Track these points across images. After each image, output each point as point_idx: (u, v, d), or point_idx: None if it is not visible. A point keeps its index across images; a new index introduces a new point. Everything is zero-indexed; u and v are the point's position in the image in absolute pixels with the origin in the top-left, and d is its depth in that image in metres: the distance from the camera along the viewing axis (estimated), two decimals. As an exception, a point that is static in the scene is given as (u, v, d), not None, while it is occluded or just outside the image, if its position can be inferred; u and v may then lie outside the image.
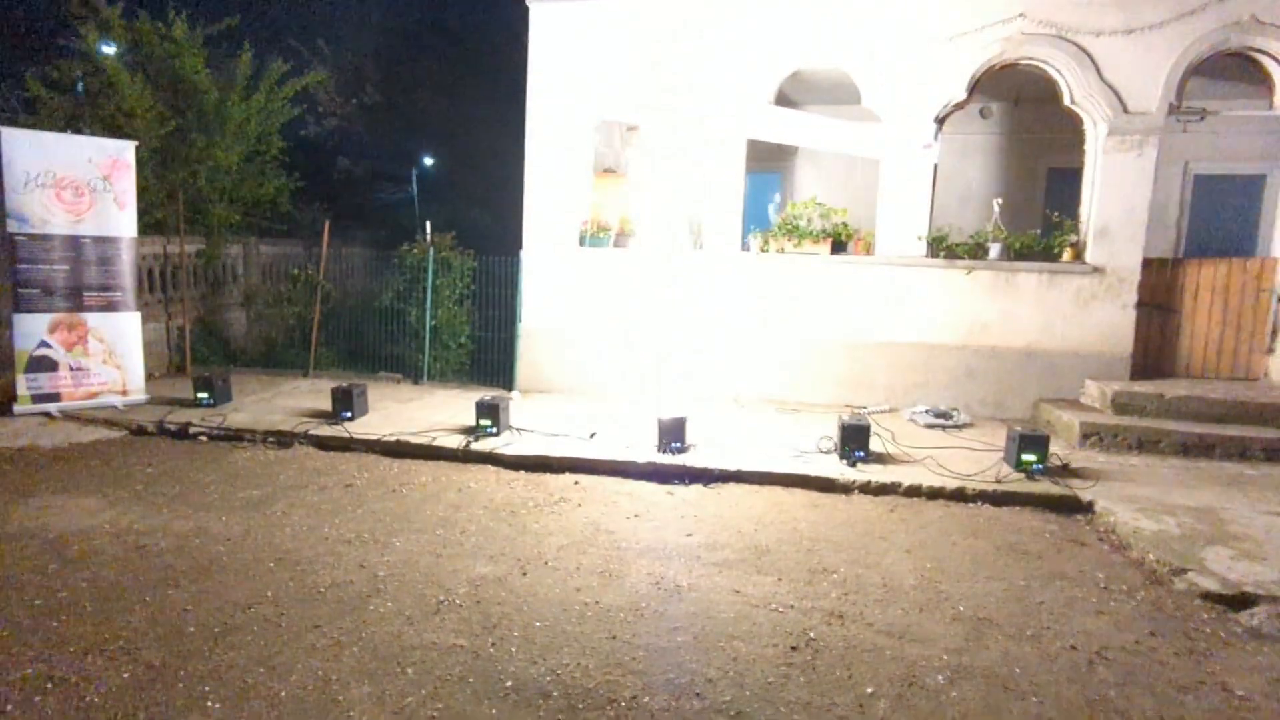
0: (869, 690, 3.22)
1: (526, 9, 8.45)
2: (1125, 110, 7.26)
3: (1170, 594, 4.18)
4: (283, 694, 3.07)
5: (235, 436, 6.71)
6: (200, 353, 9.58)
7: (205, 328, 9.98)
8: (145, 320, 8.11)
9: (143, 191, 8.07)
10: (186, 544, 4.51)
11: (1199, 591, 4.13)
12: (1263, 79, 7.42)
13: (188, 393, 7.59)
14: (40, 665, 3.22)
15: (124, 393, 7.49)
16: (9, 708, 2.93)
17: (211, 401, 7.35)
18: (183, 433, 6.77)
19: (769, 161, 10.39)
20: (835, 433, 6.27)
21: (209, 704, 2.99)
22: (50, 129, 8.32)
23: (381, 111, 14.79)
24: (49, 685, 3.08)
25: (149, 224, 8.91)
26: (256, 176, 10.38)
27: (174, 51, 9.26)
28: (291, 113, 10.57)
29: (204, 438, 6.73)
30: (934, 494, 5.61)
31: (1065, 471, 5.93)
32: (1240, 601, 4.00)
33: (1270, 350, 7.52)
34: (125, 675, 3.17)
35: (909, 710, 3.10)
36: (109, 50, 9.25)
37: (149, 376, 7.99)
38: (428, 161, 17.44)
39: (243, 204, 10.40)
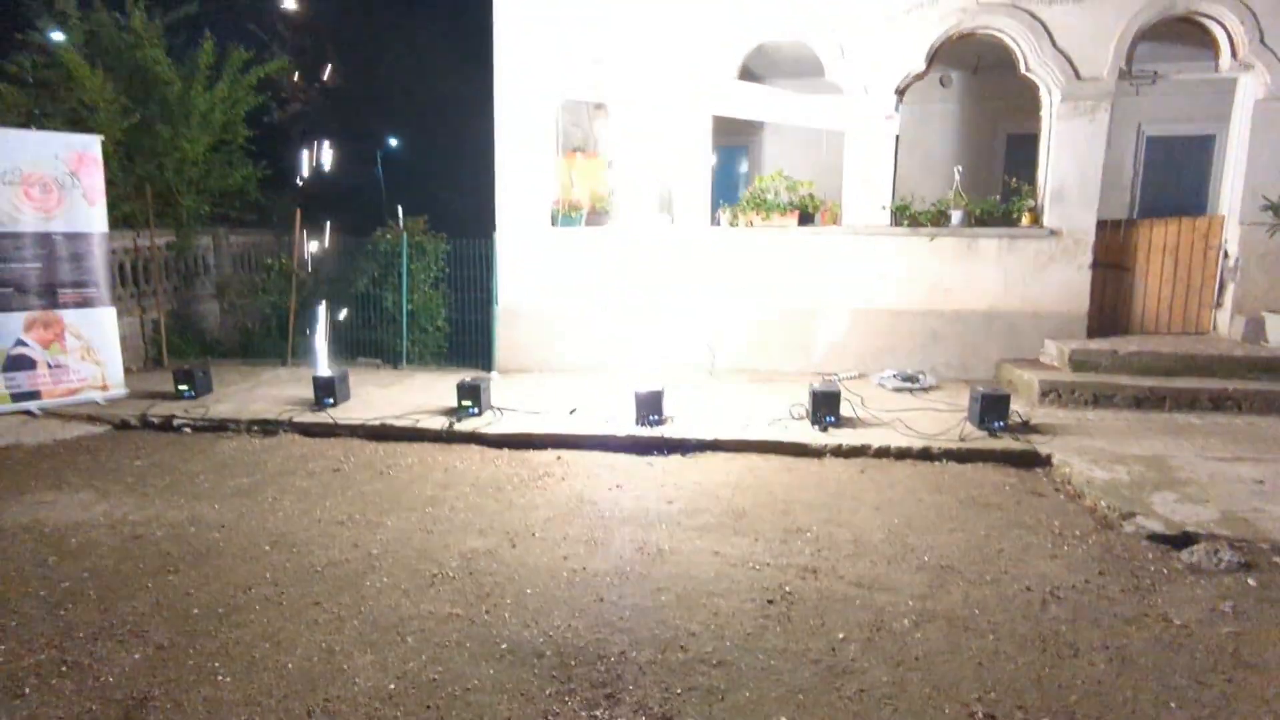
0: (840, 636, 3.47)
1: (490, -10, 8.47)
2: (1078, 77, 7.49)
3: (1119, 537, 4.48)
4: (289, 665, 3.25)
5: (220, 427, 6.79)
6: (176, 345, 9.58)
7: (179, 320, 9.96)
8: (119, 315, 8.12)
9: (110, 185, 8.01)
10: (182, 532, 4.64)
11: (1145, 533, 4.43)
12: (1209, 42, 7.67)
13: (168, 386, 7.64)
14: (52, 651, 3.36)
15: (104, 388, 7.52)
16: (27, 690, 3.07)
17: (193, 394, 7.41)
18: (167, 425, 6.84)
19: (736, 136, 10.52)
20: (807, 400, 6.51)
21: (219, 678, 3.16)
22: (10, 124, 8.21)
23: (345, 94, 14.64)
24: (63, 668, 3.22)
25: (118, 218, 8.85)
26: (224, 166, 10.31)
27: (133, 42, 9.14)
28: (256, 100, 10.47)
29: (188, 429, 6.80)
30: (901, 454, 5.88)
31: (1025, 428, 6.23)
32: (1182, 541, 4.30)
33: (1218, 304, 7.87)
34: (136, 656, 3.32)
35: (877, 651, 3.35)
36: (59, 37, 9.09)
37: (126, 371, 8.01)
38: (394, 143, 17.31)
39: (211, 194, 10.33)
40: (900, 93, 7.87)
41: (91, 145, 7.50)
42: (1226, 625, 3.52)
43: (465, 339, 9.58)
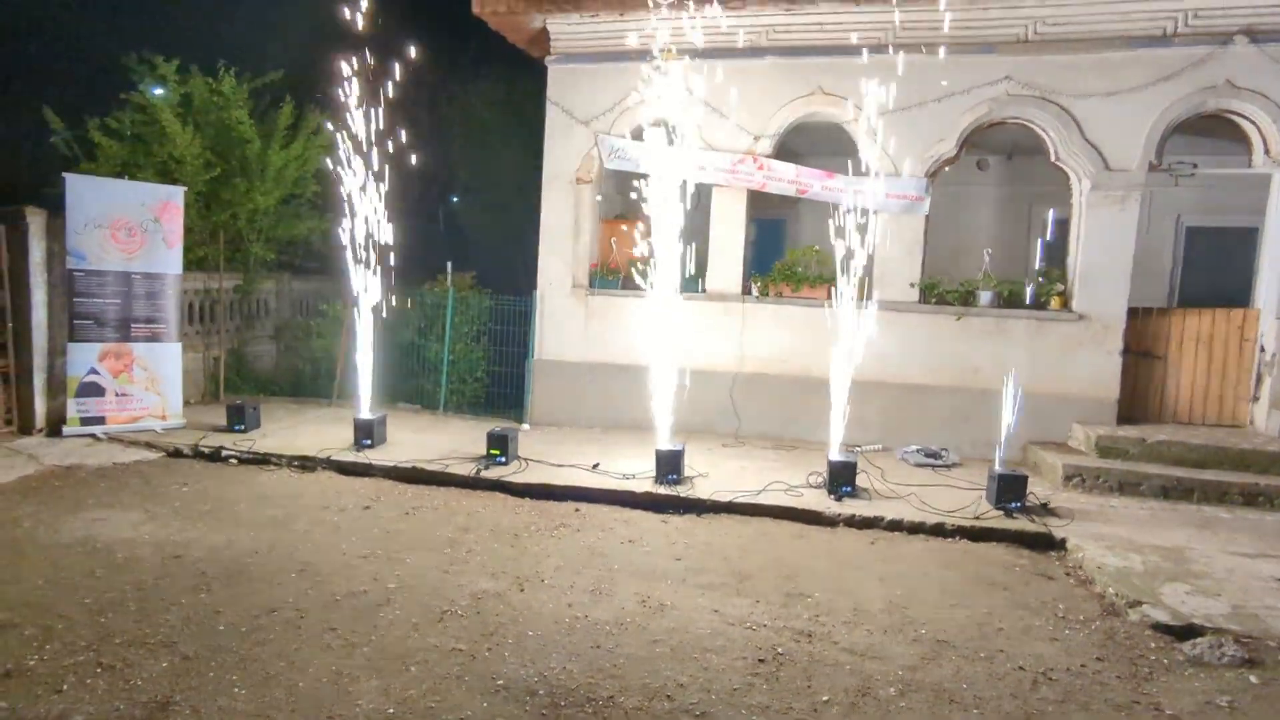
0: (825, 698, 3.55)
1: (545, 68, 9.11)
2: (1107, 167, 7.66)
3: (1124, 624, 4.46)
4: (300, 684, 3.48)
5: (263, 460, 7.20)
6: (233, 382, 10.16)
7: (238, 358, 10.58)
8: (184, 350, 8.71)
9: (187, 231, 8.73)
10: (219, 555, 4.96)
11: (1150, 623, 4.40)
12: (1243, 137, 7.79)
13: (221, 419, 8.13)
14: (90, 654, 3.66)
15: (163, 418, 8.04)
16: (65, 687, 3.36)
17: (243, 427, 7.87)
18: (215, 456, 7.28)
19: (775, 209, 10.88)
20: (824, 469, 6.61)
21: (236, 690, 3.41)
22: (107, 173, 9.05)
23: (409, 155, 15.57)
24: (98, 670, 3.51)
25: (191, 261, 9.57)
26: (292, 218, 11.07)
27: (221, 104, 10.03)
28: (328, 158, 11.27)
29: (234, 461, 7.22)
30: (915, 529, 5.92)
31: (1044, 510, 6.21)
32: (1187, 632, 4.27)
33: (1255, 398, 7.76)
34: (164, 664, 3.60)
35: (859, 715, 3.42)
36: (158, 91, 10.02)
37: (185, 403, 8.55)
38: (453, 204, 18.22)
39: (278, 242, 11.09)
40: (931, 175, 8.13)
41: (176, 195, 8.22)
42: (1220, 718, 3.50)
43: (502, 390, 9.95)
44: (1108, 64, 7.59)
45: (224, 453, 7.28)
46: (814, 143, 9.80)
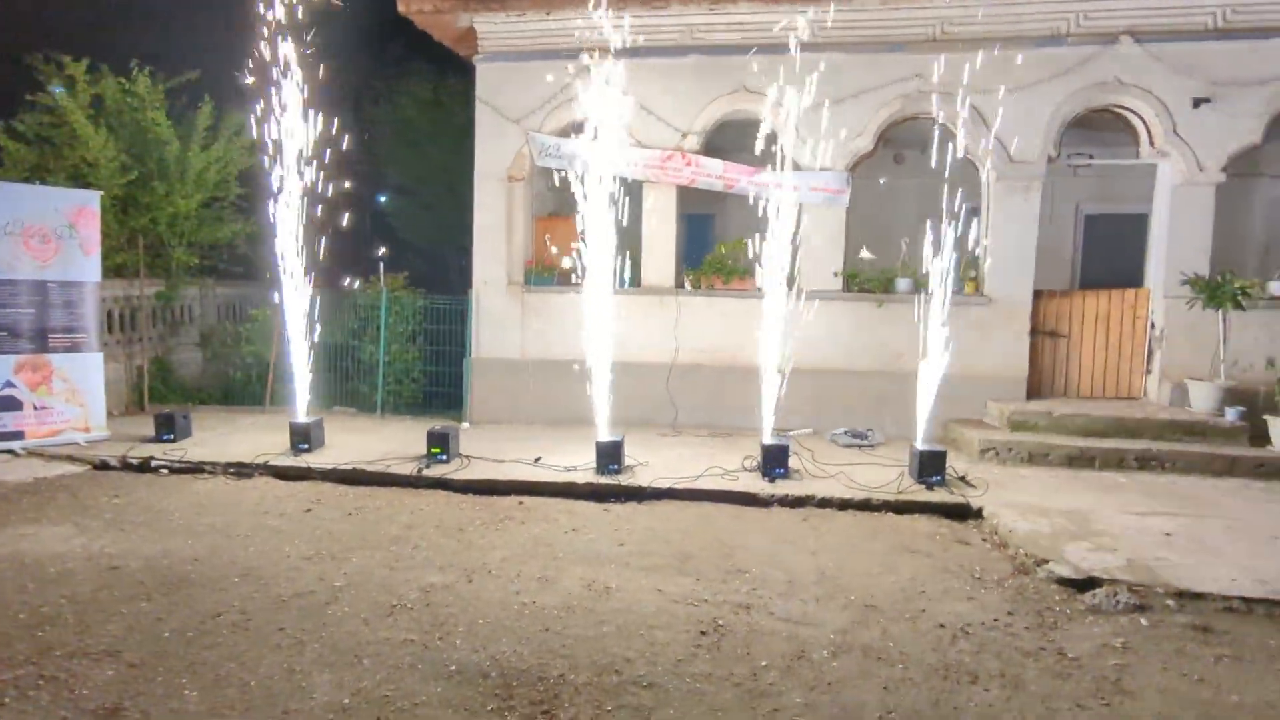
0: (763, 663, 3.79)
1: (473, 66, 9.13)
2: (1011, 160, 8.17)
3: (1033, 581, 4.85)
4: (252, 683, 3.52)
5: (196, 469, 7.06)
6: (158, 391, 9.86)
7: (163, 367, 10.26)
8: (106, 360, 8.42)
9: (104, 236, 8.44)
10: (156, 564, 4.90)
11: (1055, 578, 4.80)
12: (1130, 130, 8.41)
13: (148, 429, 7.91)
14: (30, 667, 3.60)
15: (86, 430, 7.78)
16: (7, 700, 3.32)
17: (172, 437, 7.68)
18: (145, 466, 7.10)
19: (706, 204, 11.14)
20: (758, 453, 6.90)
21: (187, 693, 3.42)
22: (15, 179, 8.66)
23: (339, 156, 15.29)
24: (40, 682, 3.47)
25: (110, 267, 9.24)
26: (214, 221, 10.78)
27: (137, 105, 9.70)
28: (250, 160, 11.02)
29: (166, 471, 7.06)
30: (843, 505, 6.25)
31: (962, 482, 6.63)
32: (1087, 584, 4.67)
33: (1148, 371, 8.41)
34: (109, 673, 3.58)
35: (795, 677, 3.67)
36: (62, 94, 9.62)
37: (109, 414, 8.28)
38: (383, 202, 17.93)
39: (201, 247, 10.78)
40: (851, 169, 8.51)
41: (91, 200, 7.95)
42: (1114, 658, 3.88)
43: (440, 390, 9.95)
44: (1008, 62, 8.09)
45: (154, 463, 7.10)
46: (740, 139, 10.09)
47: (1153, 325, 8.32)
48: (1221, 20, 7.71)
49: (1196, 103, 7.79)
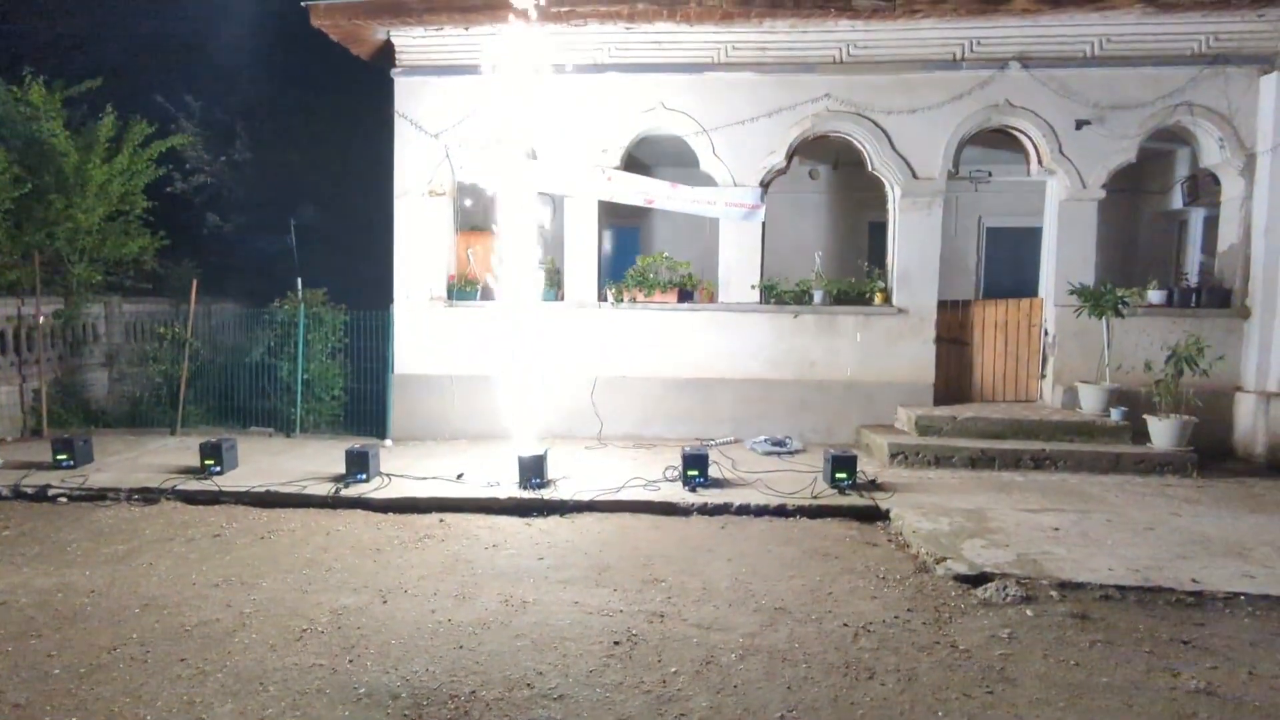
0: (673, 670, 3.89)
1: (391, 80, 9.06)
2: (914, 176, 8.59)
3: (931, 579, 5.11)
4: (148, 718, 3.42)
5: (98, 496, 6.76)
6: (58, 415, 9.38)
7: (63, 389, 9.77)
8: (-3, 384, 7.99)
9: (-5, 253, 8.03)
10: (49, 598, 4.69)
11: (952, 574, 5.07)
12: (1022, 149, 8.95)
13: (45, 455, 7.52)
14: (-97, 713, 3.42)
15: (-26, 459, 7.34)
16: (-125, 750, 3.15)
17: (71, 463, 7.33)
18: (41, 495, 6.76)
19: (628, 218, 11.31)
20: (679, 463, 7.03)
21: (77, 730, 3.31)
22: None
23: (251, 167, 14.86)
24: (-86, 728, 3.30)
25: (2, 285, 8.77)
26: (119, 236, 10.33)
27: (30, 114, 9.24)
28: (157, 173, 10.63)
29: (64, 499, 6.74)
30: (760, 511, 6.43)
31: (872, 486, 6.91)
32: (980, 579, 4.96)
33: (1043, 376, 8.93)
34: (-8, 715, 3.42)
35: (703, 682, 3.78)
36: None
37: (1, 441, 7.84)
38: (301, 216, 17.48)
39: (105, 263, 10.32)
40: (765, 185, 8.79)
41: (-22, 215, 7.53)
42: (1000, 648, 4.13)
43: (362, 408, 9.75)
44: (910, 84, 8.52)
45: (51, 491, 6.77)
46: (661, 154, 10.31)
47: (1046, 332, 8.85)
48: (1099, 49, 8.30)
49: (1079, 124, 8.35)
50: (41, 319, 9.24)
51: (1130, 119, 8.34)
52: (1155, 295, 8.56)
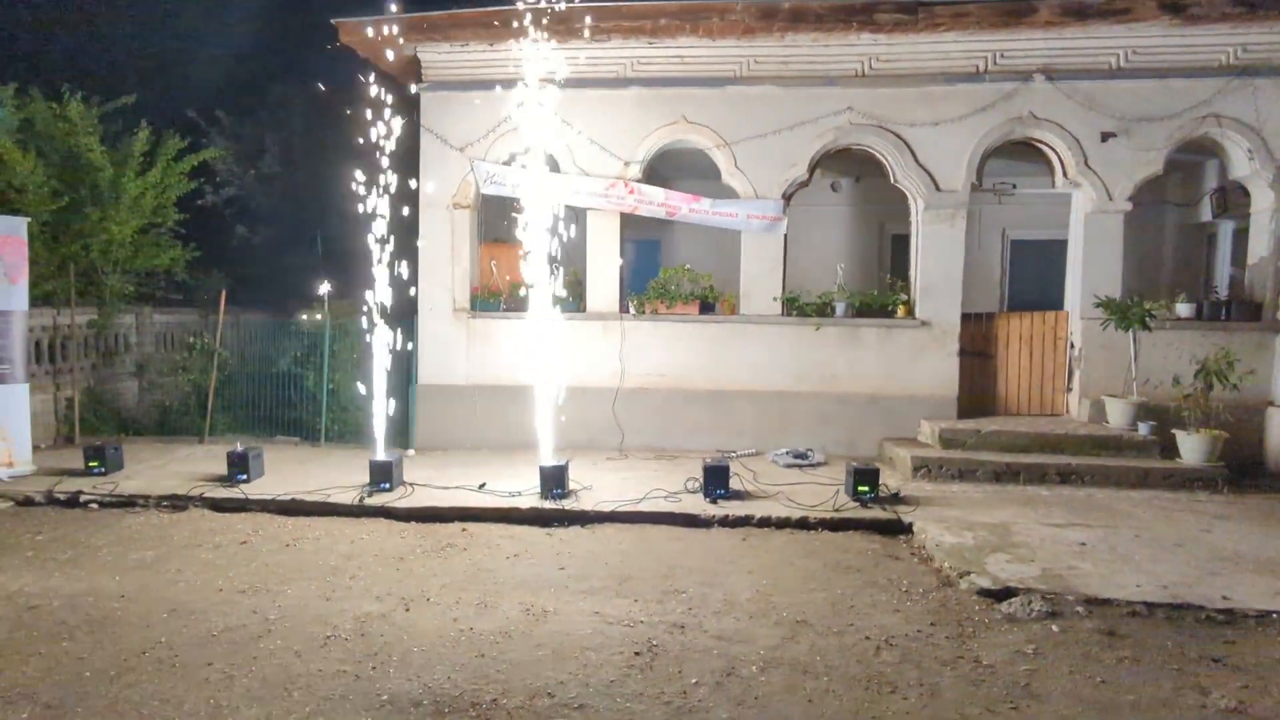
0: (694, 681, 3.89)
1: (418, 95, 9.21)
2: (937, 188, 8.56)
3: (955, 593, 5.05)
4: (175, 719, 3.47)
5: (128, 502, 6.88)
6: (90, 423, 9.58)
7: (95, 397, 9.97)
8: (32, 391, 8.17)
9: (32, 264, 8.23)
10: (80, 602, 4.78)
11: (975, 589, 5.01)
12: (1047, 161, 8.89)
13: (78, 462, 7.68)
14: (-59, 712, 3.50)
15: (10, 464, 7.52)
16: (-85, 747, 3.23)
17: (103, 470, 7.48)
18: (73, 501, 6.90)
19: (650, 230, 11.37)
20: (700, 474, 7.03)
21: (108, 731, 3.37)
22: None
23: (281, 180, 15.14)
24: (-48, 727, 3.38)
25: (38, 295, 8.99)
26: (152, 248, 10.57)
27: (68, 130, 9.51)
28: (189, 186, 10.87)
29: (95, 505, 6.87)
30: (781, 524, 6.41)
31: (895, 499, 6.86)
32: (1004, 594, 4.90)
33: (1069, 389, 8.83)
34: (24, 715, 3.50)
35: (724, 693, 3.77)
36: None
37: (36, 448, 8.02)
38: (329, 227, 17.77)
39: (137, 274, 10.56)
40: (787, 197, 8.80)
41: (18, 228, 7.75)
42: (1025, 664, 4.08)
43: (388, 417, 9.82)
44: (932, 96, 8.51)
45: (83, 497, 6.91)
46: (682, 167, 10.37)
47: (1072, 345, 8.75)
48: (1125, 60, 8.24)
49: (1105, 137, 8.28)
50: (76, 329, 9.46)
51: (1157, 131, 8.26)
52: (1183, 308, 8.44)
